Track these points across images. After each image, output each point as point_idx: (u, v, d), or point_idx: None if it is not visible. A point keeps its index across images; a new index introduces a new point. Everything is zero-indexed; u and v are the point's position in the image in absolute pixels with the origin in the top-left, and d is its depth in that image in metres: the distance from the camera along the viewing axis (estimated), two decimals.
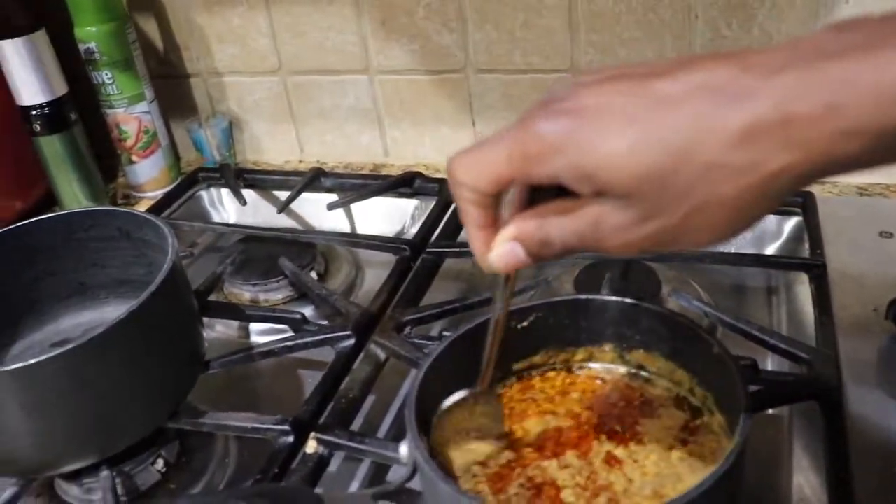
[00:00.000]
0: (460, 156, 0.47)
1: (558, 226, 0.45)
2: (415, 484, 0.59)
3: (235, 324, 0.95)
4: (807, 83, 0.37)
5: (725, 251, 0.92)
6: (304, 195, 1.12)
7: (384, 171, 1.20)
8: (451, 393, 0.61)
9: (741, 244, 0.98)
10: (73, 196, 1.15)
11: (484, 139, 0.46)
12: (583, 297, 0.64)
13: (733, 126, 0.39)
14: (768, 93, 0.38)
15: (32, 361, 0.64)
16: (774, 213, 0.97)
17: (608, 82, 0.42)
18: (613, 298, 0.64)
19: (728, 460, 0.49)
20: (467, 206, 0.47)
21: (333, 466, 0.72)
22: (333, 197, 1.11)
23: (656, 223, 0.42)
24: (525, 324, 0.64)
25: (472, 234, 0.49)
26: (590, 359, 0.66)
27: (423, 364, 0.59)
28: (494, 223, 0.47)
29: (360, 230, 1.12)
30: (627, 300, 0.63)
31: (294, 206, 1.13)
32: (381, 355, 0.79)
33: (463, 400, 0.58)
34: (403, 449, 0.56)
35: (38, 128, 1.10)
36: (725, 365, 0.57)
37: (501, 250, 0.47)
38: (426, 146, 1.19)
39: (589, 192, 0.43)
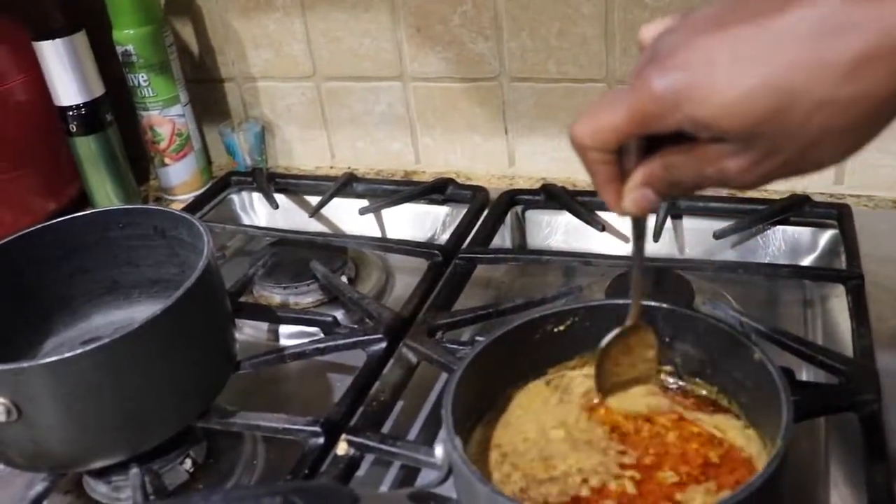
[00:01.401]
0: (582, 123, 0.49)
1: (683, 169, 0.48)
2: (444, 489, 0.58)
3: (264, 326, 0.95)
4: None
5: (760, 262, 0.92)
6: (335, 200, 1.12)
7: (415, 179, 1.20)
8: (488, 393, 0.61)
9: (775, 256, 0.97)
10: (106, 197, 1.16)
11: (600, 102, 0.48)
12: (619, 301, 0.63)
13: (842, 60, 0.40)
14: (873, 22, 0.39)
15: (68, 355, 0.64)
16: (809, 226, 0.96)
17: (712, 30, 0.43)
18: (651, 303, 0.63)
19: (772, 464, 0.48)
20: (596, 167, 0.50)
21: (362, 470, 0.72)
22: (364, 202, 1.11)
23: (776, 160, 0.44)
24: (562, 328, 0.63)
25: (603, 189, 0.52)
26: None
27: (460, 364, 0.58)
28: (621, 175, 0.50)
29: (390, 236, 1.12)
30: (664, 305, 0.62)
31: (324, 211, 1.13)
32: (413, 359, 0.79)
33: (618, 337, 0.61)
34: (439, 450, 0.55)
35: (74, 128, 1.11)
36: (766, 370, 0.56)
37: (633, 196, 0.51)
38: (457, 154, 1.19)
39: (708, 137, 0.45)
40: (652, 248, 0.96)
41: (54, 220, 0.83)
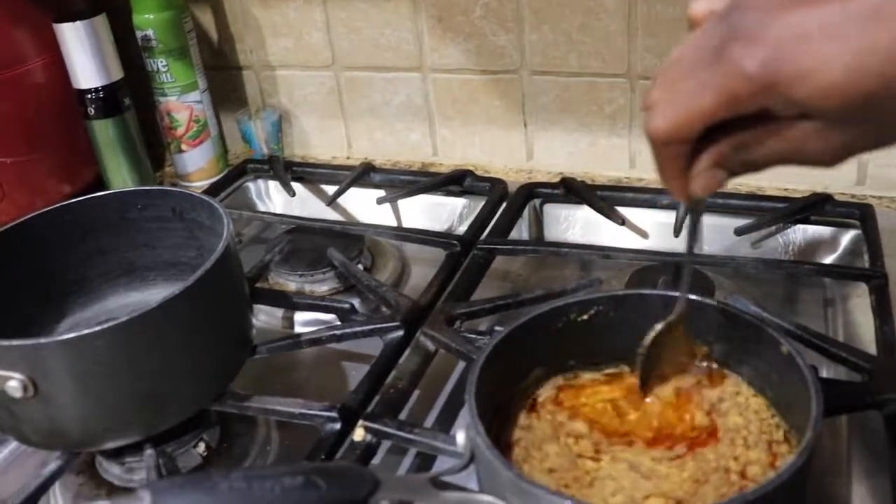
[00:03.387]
0: (661, 115, 0.45)
1: (758, 148, 0.45)
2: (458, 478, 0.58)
3: (279, 313, 0.94)
4: None
5: (782, 259, 0.91)
6: (352, 190, 1.12)
7: (431, 171, 1.19)
8: (510, 380, 0.60)
9: (795, 254, 0.96)
10: (122, 181, 1.16)
11: (670, 89, 0.45)
12: (644, 291, 0.63)
13: None
14: None
15: (86, 332, 0.64)
16: (830, 226, 0.96)
17: (797, 5, 0.41)
18: (673, 293, 0.62)
19: (802, 456, 0.48)
20: (672, 161, 0.47)
21: (377, 458, 0.71)
22: (381, 193, 1.10)
23: (868, 140, 0.42)
24: (585, 317, 0.63)
25: (672, 181, 0.49)
26: None
27: (483, 350, 0.58)
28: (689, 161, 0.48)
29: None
30: (691, 295, 0.62)
31: (340, 200, 1.12)
32: (431, 347, 0.78)
33: (666, 328, 0.60)
34: (460, 437, 0.54)
35: (93, 111, 1.11)
36: (794, 364, 0.55)
37: (703, 178, 0.48)
38: (475, 146, 1.19)
39: (794, 115, 0.42)
40: (669, 244, 0.96)
41: (72, 200, 0.83)
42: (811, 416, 0.51)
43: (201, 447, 0.76)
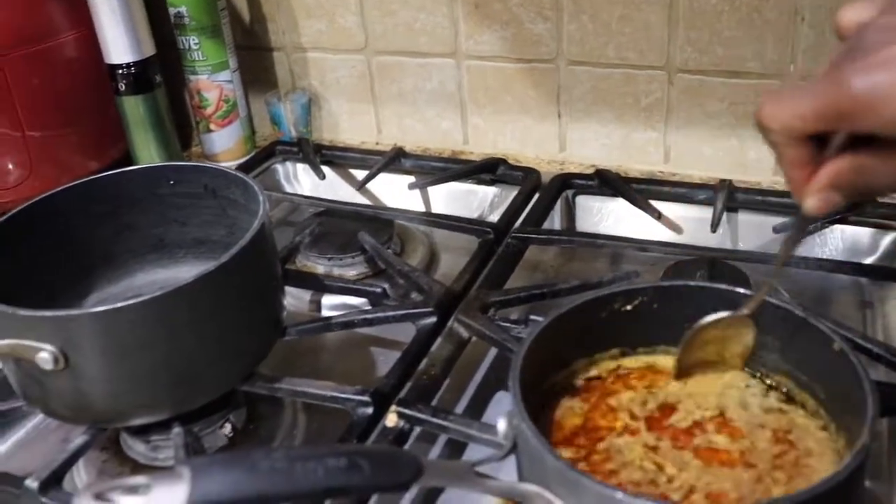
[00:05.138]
0: (769, 104, 0.47)
1: (875, 173, 0.45)
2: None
3: (307, 297, 0.93)
4: None
5: (822, 258, 0.89)
6: (382, 175, 1.11)
7: (462, 159, 1.17)
8: (552, 368, 0.59)
9: (833, 255, 0.94)
10: (150, 159, 1.15)
11: (794, 86, 0.46)
12: (692, 283, 0.61)
13: None
14: None
15: (120, 305, 0.63)
16: (870, 227, 0.94)
17: None
18: (723, 286, 0.61)
19: (857, 457, 0.46)
20: (780, 149, 0.48)
21: (407, 446, 0.70)
22: (411, 179, 1.09)
23: None
24: (629, 307, 0.61)
25: (786, 172, 0.49)
26: None
27: (527, 338, 0.56)
28: (810, 162, 0.48)
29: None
30: (739, 289, 0.60)
31: (370, 185, 1.11)
32: (465, 334, 0.77)
33: (719, 321, 0.59)
34: (502, 425, 0.53)
35: (123, 87, 1.10)
36: (847, 361, 0.54)
37: (817, 198, 0.48)
38: (507, 136, 1.17)
39: None
40: (704, 239, 0.95)
41: (102, 174, 0.82)
42: (867, 415, 0.49)
43: (227, 428, 0.75)
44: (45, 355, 0.62)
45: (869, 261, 0.93)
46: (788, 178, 0.50)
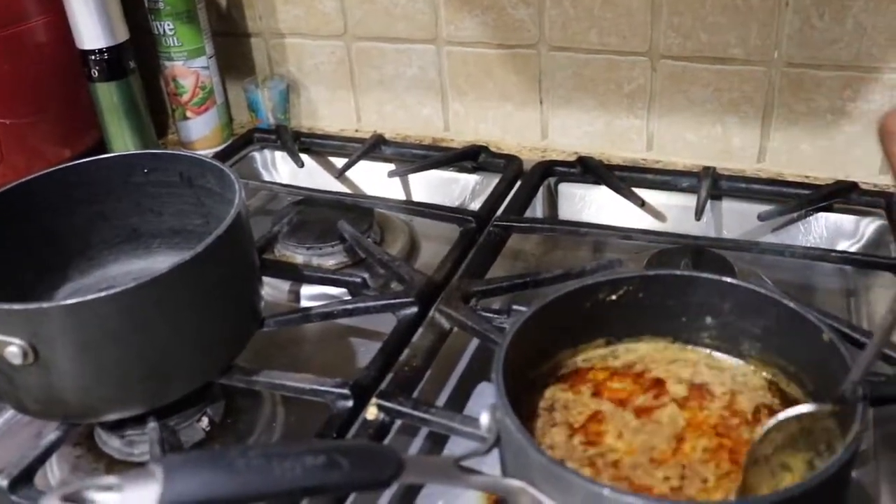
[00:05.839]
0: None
1: None
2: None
3: (285, 287, 0.92)
4: None
5: (810, 246, 0.88)
6: (362, 163, 1.09)
7: (443, 146, 1.16)
8: (535, 360, 0.58)
9: (817, 242, 0.94)
10: (125, 147, 1.12)
11: None
12: (678, 272, 0.60)
13: None
14: None
15: (90, 297, 0.61)
16: (854, 214, 0.93)
17: None
18: (710, 276, 0.60)
19: (849, 450, 0.45)
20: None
21: (387, 439, 0.69)
22: (391, 166, 1.08)
23: None
24: (614, 297, 0.60)
25: None
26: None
27: (510, 329, 0.55)
28: None
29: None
30: (726, 278, 0.59)
31: (349, 173, 1.09)
32: (446, 325, 0.76)
33: (802, 416, 0.52)
34: (485, 418, 0.52)
35: (96, 73, 1.07)
36: (836, 352, 0.53)
37: None
38: (488, 122, 1.15)
39: None
40: (688, 227, 0.94)
41: (76, 162, 0.80)
42: (857, 408, 0.48)
43: (204, 422, 0.74)
44: (13, 349, 0.60)
45: (853, 247, 0.93)
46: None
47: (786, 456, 0.52)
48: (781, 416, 0.52)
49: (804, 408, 0.52)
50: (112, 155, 0.81)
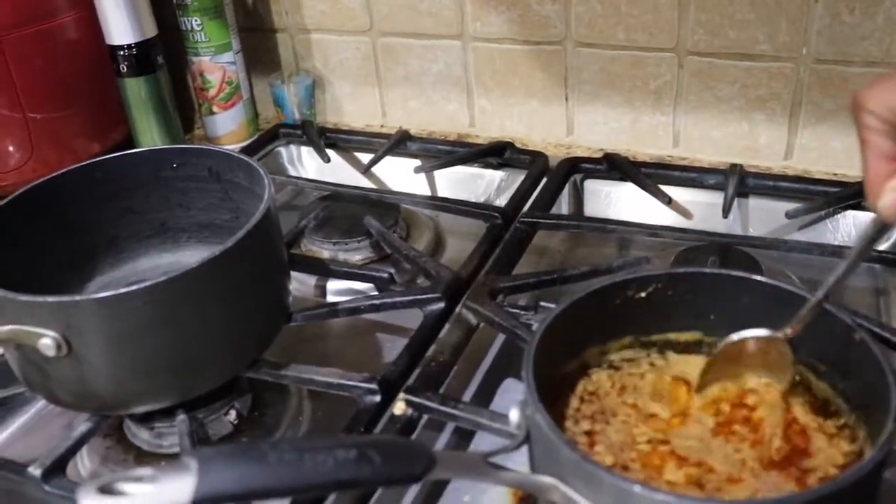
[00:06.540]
0: (876, 84, 0.47)
1: None
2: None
3: (311, 282, 0.92)
4: None
5: (841, 245, 0.88)
6: (387, 158, 1.09)
7: (468, 142, 1.16)
8: (564, 357, 0.58)
9: (845, 241, 0.93)
10: (152, 142, 1.13)
11: None
12: (707, 270, 0.60)
13: None
14: None
15: (123, 290, 0.62)
16: None
17: None
18: (738, 273, 0.60)
19: (882, 449, 0.45)
20: (868, 135, 0.48)
21: (414, 434, 0.69)
22: (417, 162, 1.08)
23: None
24: (643, 294, 0.60)
25: (866, 164, 0.49)
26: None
27: (540, 326, 0.55)
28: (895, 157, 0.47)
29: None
30: (755, 276, 0.59)
31: (375, 169, 1.10)
32: (473, 321, 0.76)
33: (758, 338, 0.57)
34: (514, 415, 0.52)
35: (125, 68, 1.08)
36: (868, 353, 0.52)
37: (890, 199, 0.48)
38: (514, 119, 1.15)
39: None
40: (715, 225, 0.93)
41: (106, 156, 0.81)
42: (890, 406, 0.48)
43: (232, 415, 0.74)
44: (46, 341, 0.61)
45: (881, 246, 0.92)
46: (866, 171, 0.48)
47: (741, 368, 0.58)
48: (735, 336, 0.57)
49: (760, 332, 0.57)
50: (141, 150, 0.81)
